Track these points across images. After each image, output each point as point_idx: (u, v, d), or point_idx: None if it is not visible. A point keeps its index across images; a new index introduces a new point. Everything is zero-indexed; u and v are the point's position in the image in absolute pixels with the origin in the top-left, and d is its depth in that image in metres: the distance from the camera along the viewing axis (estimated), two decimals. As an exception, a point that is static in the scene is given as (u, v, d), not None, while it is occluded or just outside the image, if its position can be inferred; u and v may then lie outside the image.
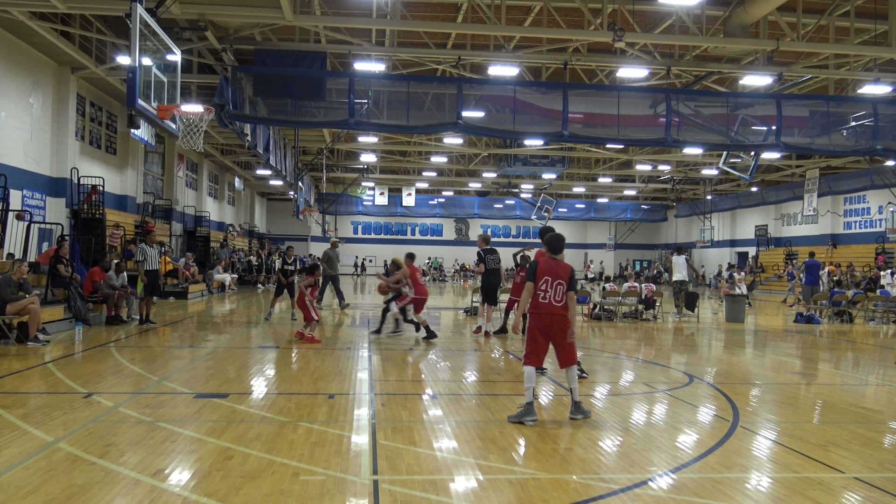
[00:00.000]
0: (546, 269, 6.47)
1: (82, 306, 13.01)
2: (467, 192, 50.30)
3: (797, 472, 5.13)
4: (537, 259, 6.56)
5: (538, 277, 6.45)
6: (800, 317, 18.59)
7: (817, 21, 16.34)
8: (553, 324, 6.42)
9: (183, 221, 28.96)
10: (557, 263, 6.55)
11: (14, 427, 5.83)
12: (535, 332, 6.44)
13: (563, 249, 6.71)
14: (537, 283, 6.45)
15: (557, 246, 6.67)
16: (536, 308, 6.44)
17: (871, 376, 9.89)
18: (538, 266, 6.49)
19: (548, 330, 6.44)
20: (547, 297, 6.43)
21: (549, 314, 6.41)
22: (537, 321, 6.44)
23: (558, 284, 6.44)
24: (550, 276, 6.45)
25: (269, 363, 9.72)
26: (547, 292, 6.44)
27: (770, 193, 39.63)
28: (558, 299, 6.43)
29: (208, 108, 12.18)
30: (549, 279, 6.44)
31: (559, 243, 6.68)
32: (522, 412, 6.35)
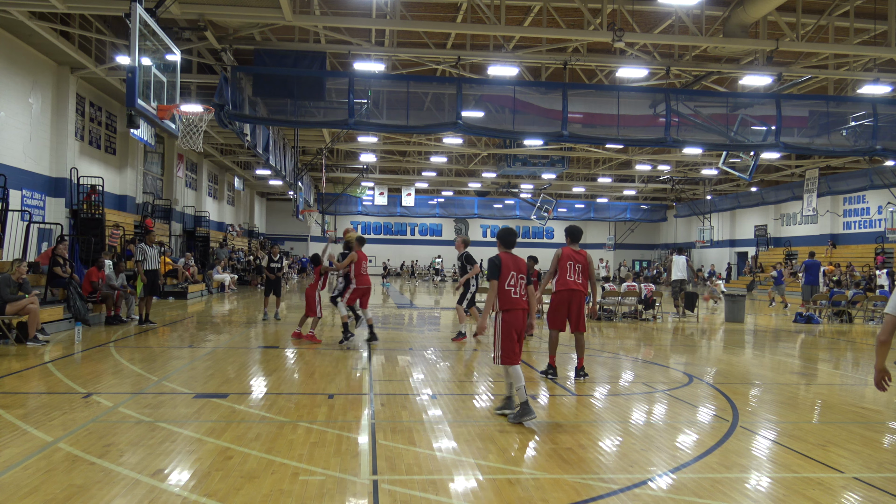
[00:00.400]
0: (509, 265, 6.49)
1: (82, 306, 13.01)
2: (467, 192, 50.29)
3: (797, 472, 5.13)
4: (499, 256, 6.53)
5: (504, 274, 6.43)
6: (799, 317, 18.59)
7: (817, 21, 16.34)
8: (523, 319, 6.50)
9: (182, 221, 28.96)
10: (516, 258, 6.61)
11: (13, 427, 5.83)
12: (510, 330, 6.41)
13: (515, 244, 6.78)
14: (504, 279, 6.42)
15: (510, 240, 6.70)
16: (511, 305, 6.42)
17: (871, 376, 9.87)
18: (502, 262, 6.45)
19: (519, 326, 6.46)
20: (517, 292, 6.46)
21: (522, 309, 6.47)
22: (512, 318, 6.42)
23: (520, 279, 6.50)
24: (514, 270, 6.49)
25: (269, 363, 9.72)
26: (516, 288, 6.46)
27: (769, 193, 39.64)
28: (522, 294, 6.50)
29: (208, 108, 12.18)
30: (514, 274, 6.47)
31: (512, 237, 6.74)
32: (520, 412, 6.34)
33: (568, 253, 8.61)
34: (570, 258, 8.58)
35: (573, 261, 8.56)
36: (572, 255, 8.60)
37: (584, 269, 8.61)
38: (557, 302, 8.62)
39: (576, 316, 8.59)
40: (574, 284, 8.51)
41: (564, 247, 8.76)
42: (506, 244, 6.69)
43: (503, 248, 6.69)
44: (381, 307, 21.11)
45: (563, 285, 8.55)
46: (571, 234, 8.84)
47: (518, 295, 6.45)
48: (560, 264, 8.62)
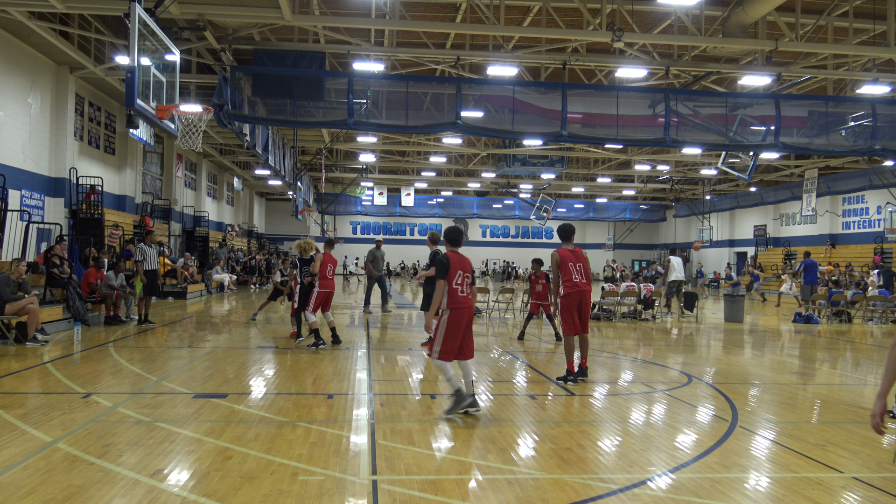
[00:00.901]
0: (457, 264, 6.52)
1: (81, 306, 13.00)
2: (466, 192, 50.29)
3: (796, 472, 5.14)
4: (447, 254, 6.54)
5: (452, 272, 6.46)
6: (799, 317, 18.60)
7: (816, 21, 16.34)
8: (470, 317, 6.56)
9: (182, 221, 28.95)
10: (463, 257, 6.64)
11: (13, 427, 5.83)
12: (455, 328, 6.46)
13: (463, 242, 6.80)
14: (451, 278, 6.45)
15: (457, 239, 6.72)
16: (458, 303, 6.46)
17: (870, 376, 9.89)
18: (450, 261, 6.47)
19: (466, 324, 6.52)
20: (463, 290, 6.51)
21: (468, 307, 6.52)
22: (459, 316, 6.46)
23: (465, 278, 6.54)
24: (461, 269, 6.53)
25: (268, 363, 9.72)
26: (463, 286, 6.51)
27: (769, 193, 39.66)
28: (468, 292, 6.56)
29: (207, 108, 12.18)
30: (461, 273, 6.52)
31: (459, 236, 6.74)
32: (457, 401, 6.46)
33: (566, 254, 8.48)
34: (570, 259, 8.46)
35: (573, 261, 8.45)
36: (571, 255, 8.49)
37: (585, 268, 8.53)
38: (569, 305, 8.38)
39: (584, 316, 8.48)
40: (582, 284, 8.41)
41: (560, 248, 8.60)
42: (453, 243, 6.70)
43: (450, 246, 6.69)
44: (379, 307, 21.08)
45: (573, 287, 8.38)
46: (564, 233, 8.71)
47: (465, 294, 6.50)
48: (563, 266, 8.47)
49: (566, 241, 8.68)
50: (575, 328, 8.40)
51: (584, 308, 8.45)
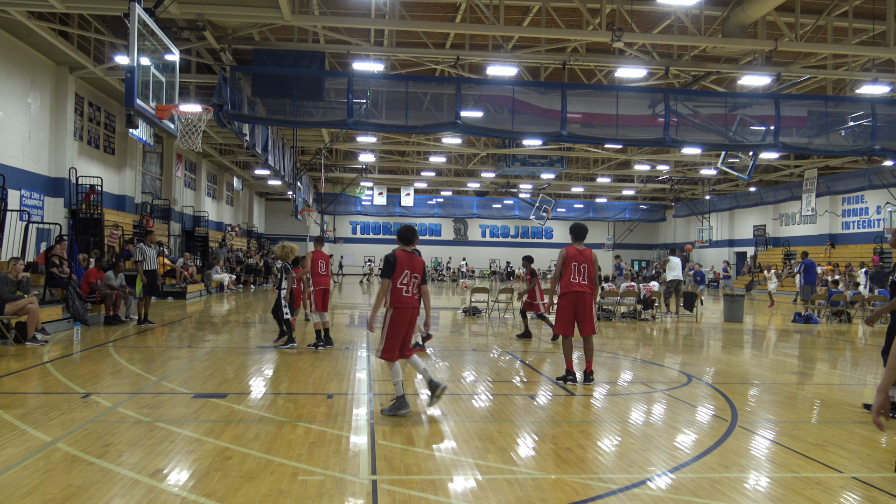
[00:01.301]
0: (404, 263, 6.50)
1: (80, 306, 13.00)
2: (466, 192, 50.30)
3: (795, 472, 5.14)
4: (395, 253, 6.54)
5: (398, 271, 6.45)
6: (798, 317, 18.61)
7: (815, 21, 16.35)
8: (413, 318, 6.57)
9: (181, 221, 28.94)
10: (413, 256, 6.62)
11: (12, 427, 5.82)
12: (398, 327, 6.47)
13: (416, 241, 6.78)
14: (398, 277, 6.45)
15: (409, 237, 6.68)
16: (401, 303, 6.47)
17: (870, 376, 9.89)
18: (397, 260, 6.47)
19: (408, 324, 6.53)
20: (409, 290, 6.50)
21: (412, 308, 6.52)
22: (401, 316, 6.48)
23: (414, 278, 6.53)
24: (409, 269, 6.51)
25: (268, 363, 9.72)
26: (409, 286, 6.49)
27: (768, 193, 39.68)
28: (415, 293, 6.56)
29: (207, 107, 12.17)
30: (408, 272, 6.50)
31: (411, 235, 6.71)
32: (395, 405, 6.47)
33: (573, 253, 8.41)
34: (575, 259, 8.39)
35: (577, 261, 8.38)
36: (577, 255, 8.41)
37: (588, 270, 8.43)
38: (564, 305, 8.40)
39: (583, 318, 8.38)
40: (579, 286, 8.33)
41: (569, 246, 8.54)
42: (405, 241, 6.67)
43: (402, 245, 6.67)
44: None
45: (569, 287, 8.34)
46: (575, 232, 8.62)
47: (410, 294, 6.50)
48: (566, 266, 8.40)
49: (577, 240, 8.59)
50: (568, 328, 8.39)
51: (582, 309, 8.34)
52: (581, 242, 8.61)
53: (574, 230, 8.63)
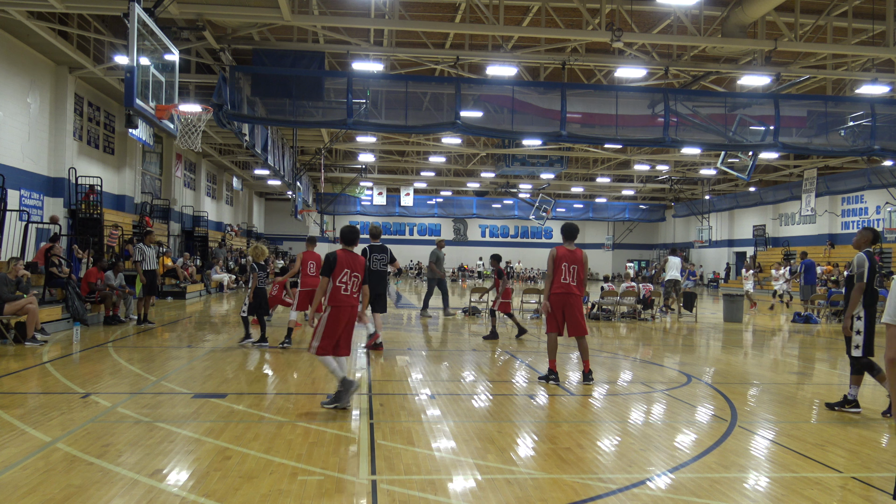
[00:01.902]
0: (344, 262, 6.64)
1: (80, 306, 12.99)
2: (465, 192, 50.30)
3: (795, 472, 5.14)
4: (335, 253, 6.69)
5: (337, 270, 6.59)
6: (798, 316, 18.62)
7: (815, 21, 16.35)
8: (351, 315, 6.71)
9: (181, 221, 28.94)
10: (354, 256, 6.78)
11: (12, 427, 5.82)
12: (335, 325, 6.61)
13: (358, 241, 6.95)
14: (337, 275, 6.59)
15: (351, 238, 6.86)
16: (339, 301, 6.62)
17: (869, 376, 9.88)
18: (336, 259, 6.61)
19: (346, 322, 6.67)
20: (348, 289, 6.65)
21: (350, 306, 6.67)
22: (338, 314, 6.62)
23: (354, 277, 6.68)
24: (349, 268, 6.66)
25: (267, 363, 9.71)
26: (347, 284, 6.64)
27: (768, 193, 39.68)
28: (355, 291, 6.71)
29: (206, 107, 12.16)
30: (348, 272, 6.65)
31: (353, 235, 6.88)
32: (335, 396, 6.64)
33: (563, 253, 8.40)
34: (565, 259, 8.37)
35: (567, 262, 8.36)
36: (567, 255, 8.39)
37: (578, 271, 8.41)
38: (552, 305, 8.39)
39: (572, 319, 8.37)
40: (568, 287, 8.34)
41: (559, 246, 8.53)
42: (347, 242, 6.86)
43: (344, 245, 6.86)
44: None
45: (561, 288, 8.34)
46: (566, 232, 8.56)
47: (349, 292, 6.65)
48: (556, 266, 8.39)
49: (568, 240, 8.53)
50: (554, 328, 8.38)
51: (570, 311, 8.35)
52: (572, 243, 8.56)
53: (565, 230, 8.59)
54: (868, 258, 7.11)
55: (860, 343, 7.00)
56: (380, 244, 11.15)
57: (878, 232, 7.55)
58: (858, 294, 6.97)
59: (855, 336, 7.02)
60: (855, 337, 7.03)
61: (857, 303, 6.96)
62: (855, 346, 7.05)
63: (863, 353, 7.01)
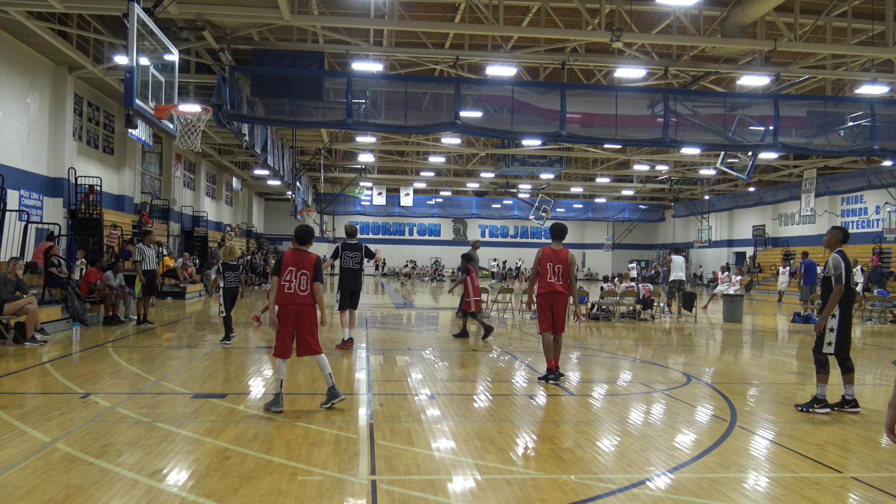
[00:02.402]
0: (290, 261, 6.65)
1: (80, 306, 12.99)
2: (465, 192, 50.30)
3: (795, 472, 5.14)
4: (284, 252, 6.77)
5: (283, 269, 6.61)
6: (797, 316, 18.63)
7: (814, 21, 16.35)
8: (300, 313, 6.62)
9: (181, 221, 28.93)
10: (303, 254, 6.74)
11: (11, 427, 5.82)
12: (284, 324, 6.62)
13: (312, 241, 6.96)
14: (282, 274, 6.61)
15: (305, 238, 6.89)
16: (284, 300, 6.61)
17: (869, 376, 9.90)
18: (283, 259, 6.68)
19: (293, 320, 6.62)
20: (292, 287, 6.61)
21: (296, 304, 6.60)
22: (284, 312, 6.62)
23: (302, 275, 6.65)
24: (295, 266, 6.63)
25: (267, 363, 9.71)
26: (291, 283, 6.61)
27: (767, 193, 39.69)
28: (303, 289, 6.64)
29: (206, 107, 12.15)
30: (294, 269, 6.62)
31: (305, 234, 6.92)
32: (272, 402, 6.61)
33: (547, 253, 8.50)
34: (550, 259, 8.47)
35: (552, 261, 8.46)
36: (551, 255, 8.48)
37: (563, 271, 8.49)
38: (542, 304, 8.51)
39: (559, 318, 8.50)
40: (556, 286, 8.43)
41: (545, 246, 8.65)
42: (300, 241, 6.86)
43: (297, 245, 6.85)
44: (380, 307, 21.12)
45: (546, 287, 8.44)
46: (554, 232, 8.66)
47: (293, 290, 6.61)
48: (541, 265, 8.51)
49: (556, 240, 8.63)
50: (548, 326, 8.47)
51: (556, 308, 8.47)
52: (559, 242, 8.63)
53: (553, 230, 8.67)
54: (843, 258, 7.15)
55: (833, 340, 7.13)
56: (354, 242, 11.21)
57: (848, 231, 7.61)
58: (837, 296, 7.03)
59: (828, 333, 7.13)
60: (828, 334, 7.13)
61: (835, 304, 7.05)
62: (828, 343, 7.16)
63: (834, 350, 7.13)
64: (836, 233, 7.45)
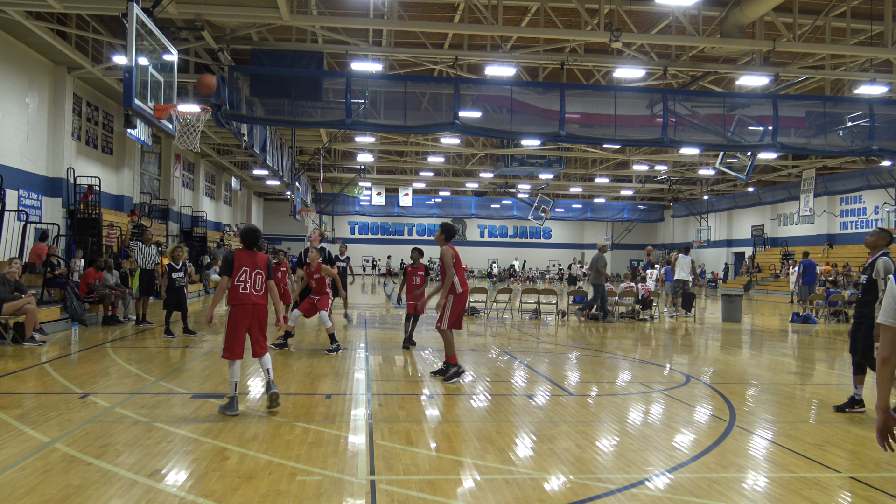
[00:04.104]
0: (244, 261, 6.61)
1: (78, 306, 12.98)
2: (464, 192, 50.31)
3: (794, 472, 5.14)
4: (233, 252, 6.67)
5: (235, 269, 6.55)
6: (796, 316, 18.64)
7: (813, 21, 16.37)
8: (255, 313, 6.58)
9: (180, 221, 28.93)
10: (255, 254, 6.75)
11: (10, 428, 5.82)
12: (236, 324, 6.53)
13: (258, 242, 6.94)
14: (235, 275, 6.55)
15: (251, 239, 6.86)
16: (237, 300, 6.54)
17: (868, 376, 9.89)
18: (234, 259, 6.60)
19: (249, 320, 6.57)
20: (247, 287, 6.57)
21: (252, 304, 6.56)
22: (238, 312, 6.54)
23: (257, 274, 6.63)
24: (249, 266, 6.60)
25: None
26: (247, 283, 6.57)
27: (766, 194, 39.72)
28: (258, 289, 6.63)
29: (205, 108, 12.14)
30: (248, 269, 6.59)
31: (252, 236, 6.87)
32: (226, 405, 6.48)
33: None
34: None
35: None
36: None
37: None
38: (458, 303, 8.44)
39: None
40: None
41: (450, 245, 8.57)
42: (245, 243, 6.83)
43: (244, 246, 6.83)
44: (379, 307, 21.12)
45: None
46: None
47: (248, 291, 6.56)
48: (457, 265, 8.48)
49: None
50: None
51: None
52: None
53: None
54: (893, 262, 6.98)
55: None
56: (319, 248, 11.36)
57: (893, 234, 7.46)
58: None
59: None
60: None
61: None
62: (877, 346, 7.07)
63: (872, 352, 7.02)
64: (884, 235, 7.27)
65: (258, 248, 6.97)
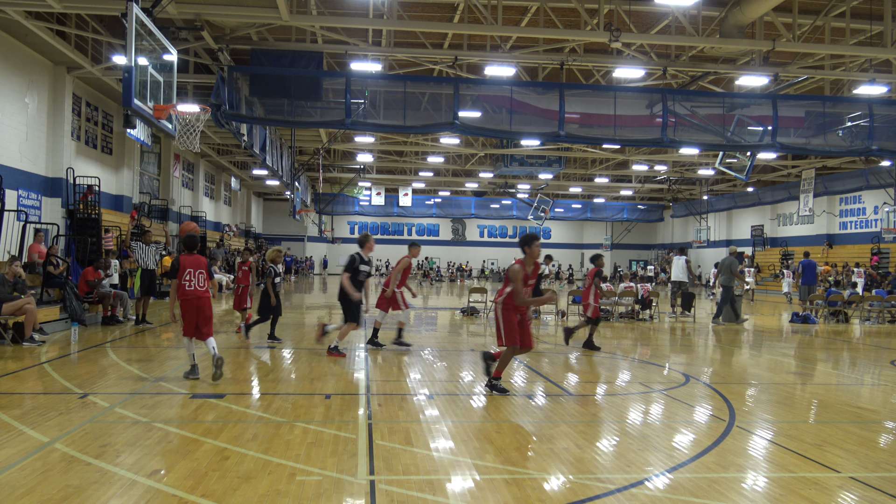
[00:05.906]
0: (187, 264, 7.95)
1: (78, 306, 12.97)
2: (464, 192, 50.30)
3: (793, 472, 5.14)
4: (178, 257, 7.97)
5: (181, 271, 7.91)
6: (796, 316, 18.64)
7: (813, 22, 16.37)
8: (200, 305, 8.00)
9: (179, 221, 28.91)
10: (196, 258, 8.06)
11: (10, 428, 5.81)
12: (187, 314, 7.98)
13: (198, 246, 8.27)
14: (181, 275, 7.90)
15: (191, 243, 8.19)
16: (185, 295, 7.95)
17: (867, 376, 9.91)
18: (180, 263, 7.92)
19: (196, 310, 7.97)
20: (192, 284, 7.96)
21: (196, 297, 7.98)
22: (187, 305, 7.97)
23: (199, 274, 8.02)
24: (192, 268, 7.96)
25: (266, 363, 9.70)
26: (192, 281, 7.95)
27: (766, 194, 39.73)
28: (201, 285, 8.03)
29: (205, 108, 12.14)
30: (192, 270, 7.96)
31: (193, 241, 8.22)
32: (189, 371, 8.12)
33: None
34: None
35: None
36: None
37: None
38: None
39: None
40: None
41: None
42: (188, 248, 8.14)
43: (185, 251, 8.11)
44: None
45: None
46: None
47: (193, 287, 7.96)
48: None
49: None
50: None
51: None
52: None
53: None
54: None
55: None
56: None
57: None
58: None
59: None
60: None
61: None
62: None
63: None
64: None
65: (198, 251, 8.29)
